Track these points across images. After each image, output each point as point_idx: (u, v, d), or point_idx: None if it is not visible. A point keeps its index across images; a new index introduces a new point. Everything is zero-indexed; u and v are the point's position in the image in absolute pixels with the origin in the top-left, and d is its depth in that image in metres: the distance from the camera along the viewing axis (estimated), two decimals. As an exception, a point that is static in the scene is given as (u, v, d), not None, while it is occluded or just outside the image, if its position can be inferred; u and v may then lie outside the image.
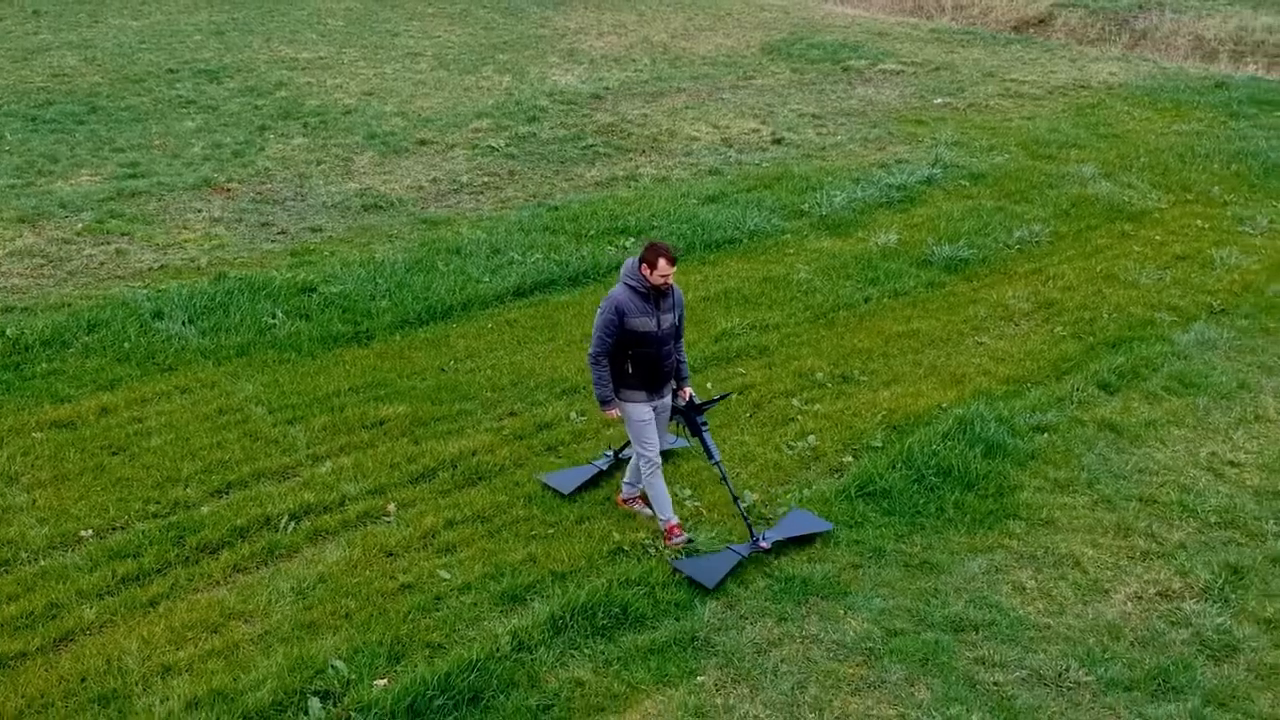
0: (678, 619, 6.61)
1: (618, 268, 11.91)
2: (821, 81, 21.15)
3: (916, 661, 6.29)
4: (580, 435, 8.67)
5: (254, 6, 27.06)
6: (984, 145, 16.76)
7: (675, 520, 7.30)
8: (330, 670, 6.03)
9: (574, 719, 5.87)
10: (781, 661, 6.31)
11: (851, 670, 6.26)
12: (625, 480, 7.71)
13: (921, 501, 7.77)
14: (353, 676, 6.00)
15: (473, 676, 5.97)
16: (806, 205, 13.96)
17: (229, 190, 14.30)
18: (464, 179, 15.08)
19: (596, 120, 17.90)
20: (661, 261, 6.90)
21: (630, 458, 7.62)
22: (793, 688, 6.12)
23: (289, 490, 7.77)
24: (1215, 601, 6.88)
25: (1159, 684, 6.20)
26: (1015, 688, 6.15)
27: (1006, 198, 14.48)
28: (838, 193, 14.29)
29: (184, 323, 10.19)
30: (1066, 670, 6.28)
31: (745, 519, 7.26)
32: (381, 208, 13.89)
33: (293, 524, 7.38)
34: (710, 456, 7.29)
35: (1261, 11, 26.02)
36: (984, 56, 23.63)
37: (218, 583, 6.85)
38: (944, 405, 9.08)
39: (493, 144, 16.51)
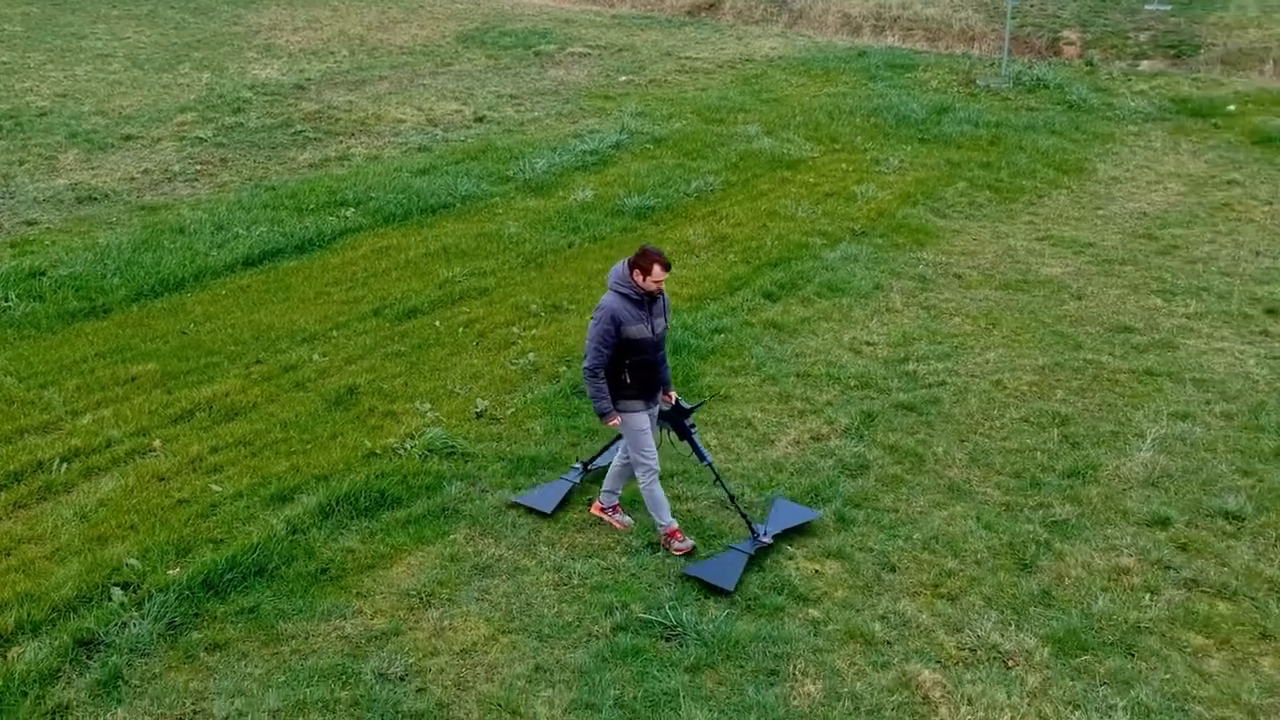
0: (429, 497, 7.82)
1: (343, 234, 12.93)
2: (516, 66, 22.59)
3: (626, 502, 7.77)
4: (324, 372, 9.68)
5: (-85, 14, 25.70)
6: (664, 114, 18.68)
7: (674, 525, 7.31)
8: (126, 567, 6.87)
9: (348, 577, 7.00)
10: (519, 517, 7.66)
11: (576, 516, 7.67)
12: (605, 488, 7.56)
13: (624, 392, 9.30)
14: (148, 569, 6.87)
15: (256, 555, 6.98)
16: (511, 172, 15.34)
17: (-71, 193, 14.16)
18: (176, 168, 15.50)
19: (302, 109, 18.59)
20: (656, 267, 6.77)
21: (606, 465, 7.68)
22: (529, 533, 7.48)
23: (55, 440, 8.41)
24: (853, 438, 8.76)
25: (811, 496, 7.97)
26: (703, 511, 7.75)
27: (685, 156, 16.38)
28: (539, 160, 15.75)
29: (-88, 312, 10.40)
30: (742, 495, 7.94)
31: (744, 516, 7.32)
32: (96, 199, 14.19)
33: (65, 465, 8.05)
34: (702, 459, 7.30)
35: (896, -9, 29.52)
36: (662, 38, 25.78)
37: (1, 519, 7.48)
38: (639, 320, 10.67)
39: (200, 135, 16.93)
